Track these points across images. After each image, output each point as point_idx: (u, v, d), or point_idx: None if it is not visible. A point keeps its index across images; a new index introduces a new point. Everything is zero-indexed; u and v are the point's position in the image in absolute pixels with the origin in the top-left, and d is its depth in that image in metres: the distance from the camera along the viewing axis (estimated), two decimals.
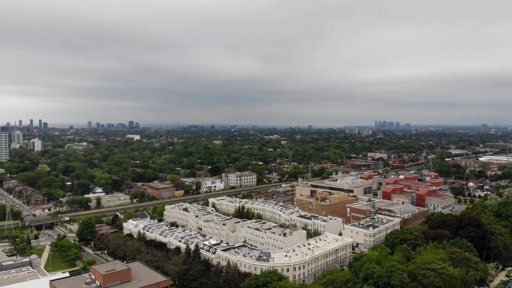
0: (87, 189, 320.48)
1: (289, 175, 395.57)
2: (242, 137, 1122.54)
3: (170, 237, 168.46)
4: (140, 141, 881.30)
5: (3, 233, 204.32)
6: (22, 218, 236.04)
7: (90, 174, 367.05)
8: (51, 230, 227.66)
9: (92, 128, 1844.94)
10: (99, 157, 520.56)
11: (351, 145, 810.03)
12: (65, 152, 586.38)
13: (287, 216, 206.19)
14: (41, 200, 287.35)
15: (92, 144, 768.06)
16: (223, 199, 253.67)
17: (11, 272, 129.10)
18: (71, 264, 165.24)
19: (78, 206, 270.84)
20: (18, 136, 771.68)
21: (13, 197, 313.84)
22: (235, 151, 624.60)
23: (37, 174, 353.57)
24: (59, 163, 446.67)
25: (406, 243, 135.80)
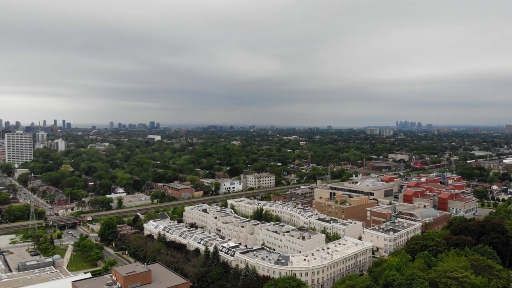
0: (109, 189, 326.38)
1: (308, 177, 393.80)
2: (260, 138, 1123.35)
3: (190, 239, 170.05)
4: (160, 141, 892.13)
5: (27, 233, 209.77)
6: (46, 218, 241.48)
7: (112, 175, 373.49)
8: (74, 229, 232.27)
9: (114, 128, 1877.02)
10: (121, 158, 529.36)
11: (372, 146, 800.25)
12: (87, 152, 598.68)
13: (305, 219, 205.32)
14: (64, 200, 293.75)
15: (114, 144, 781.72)
16: (242, 200, 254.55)
17: (34, 272, 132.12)
18: (93, 264, 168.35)
19: (100, 206, 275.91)
20: (42, 136, 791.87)
21: (37, 196, 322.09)
22: (253, 151, 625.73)
23: (60, 174, 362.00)
24: (82, 163, 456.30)
25: (427, 249, 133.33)
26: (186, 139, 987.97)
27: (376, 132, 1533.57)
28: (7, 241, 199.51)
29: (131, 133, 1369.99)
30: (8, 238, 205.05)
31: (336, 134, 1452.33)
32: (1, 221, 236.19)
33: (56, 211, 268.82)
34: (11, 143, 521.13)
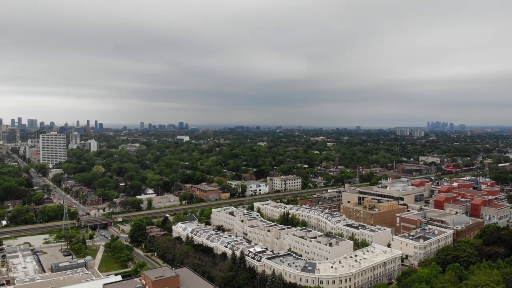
0: (139, 190, 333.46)
1: (336, 180, 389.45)
2: (287, 138, 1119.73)
3: (217, 242, 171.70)
4: (189, 142, 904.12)
5: (61, 233, 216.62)
6: (79, 218, 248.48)
7: (142, 175, 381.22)
8: (105, 230, 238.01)
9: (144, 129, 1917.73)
10: (151, 158, 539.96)
11: (402, 147, 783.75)
12: (119, 153, 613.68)
13: (333, 224, 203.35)
14: (96, 200, 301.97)
15: (144, 145, 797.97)
16: (268, 203, 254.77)
17: (67, 273, 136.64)
18: (123, 265, 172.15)
19: (130, 207, 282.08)
20: (76, 137, 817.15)
21: (70, 197, 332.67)
22: (280, 153, 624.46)
23: (93, 175, 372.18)
24: (113, 164, 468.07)
25: (458, 261, 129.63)
26: (214, 140, 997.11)
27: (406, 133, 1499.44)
28: (41, 241, 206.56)
29: (161, 134, 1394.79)
30: (42, 238, 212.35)
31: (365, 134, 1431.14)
32: (36, 221, 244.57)
33: (88, 211, 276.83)
34: (46, 143, 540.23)
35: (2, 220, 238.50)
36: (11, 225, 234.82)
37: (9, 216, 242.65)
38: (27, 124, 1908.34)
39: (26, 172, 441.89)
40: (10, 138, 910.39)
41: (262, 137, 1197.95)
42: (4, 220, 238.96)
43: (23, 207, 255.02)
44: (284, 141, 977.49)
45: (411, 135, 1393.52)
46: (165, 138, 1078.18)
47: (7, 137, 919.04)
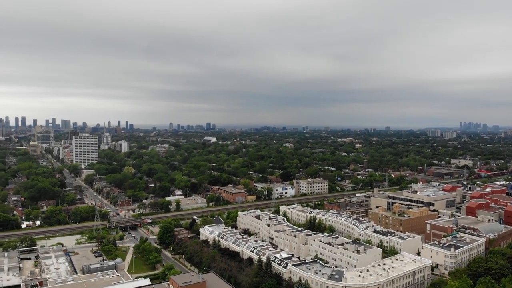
0: (167, 191, 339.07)
1: (364, 184, 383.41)
2: (313, 140, 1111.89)
3: (243, 247, 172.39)
4: (216, 143, 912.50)
5: (92, 234, 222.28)
6: (109, 219, 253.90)
7: (171, 177, 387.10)
8: (135, 231, 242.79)
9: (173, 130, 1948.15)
10: (179, 160, 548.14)
11: (433, 150, 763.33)
12: (148, 154, 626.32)
13: (361, 230, 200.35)
14: (126, 201, 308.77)
15: (173, 146, 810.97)
16: (294, 207, 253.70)
17: (98, 275, 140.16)
18: (152, 267, 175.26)
19: (159, 208, 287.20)
20: (107, 137, 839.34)
21: (101, 197, 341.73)
22: (306, 155, 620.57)
23: (123, 176, 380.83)
24: (143, 164, 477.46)
25: (490, 273, 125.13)
26: (240, 141, 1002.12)
27: (437, 134, 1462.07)
28: (73, 242, 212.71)
29: (189, 134, 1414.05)
30: (74, 239, 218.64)
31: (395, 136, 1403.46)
32: (68, 222, 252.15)
33: (119, 212, 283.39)
34: (78, 144, 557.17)
35: (36, 221, 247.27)
36: (44, 225, 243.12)
37: (43, 216, 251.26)
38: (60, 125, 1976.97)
39: (60, 172, 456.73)
40: (44, 139, 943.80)
41: (288, 138, 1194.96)
42: (38, 221, 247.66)
43: (57, 207, 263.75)
44: (310, 142, 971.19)
45: (442, 136, 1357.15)
46: (193, 139, 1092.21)
47: (41, 137, 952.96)
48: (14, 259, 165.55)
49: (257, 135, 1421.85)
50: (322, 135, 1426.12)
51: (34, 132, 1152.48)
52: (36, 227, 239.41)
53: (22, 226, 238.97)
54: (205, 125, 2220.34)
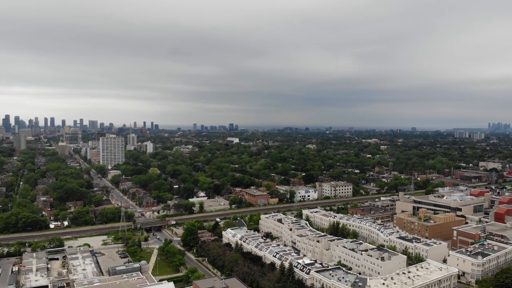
0: (191, 193, 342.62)
1: (389, 187, 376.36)
2: (337, 141, 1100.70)
3: (265, 251, 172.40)
4: (239, 144, 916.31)
5: (118, 235, 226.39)
6: (135, 220, 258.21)
7: (194, 178, 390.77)
8: (159, 232, 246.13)
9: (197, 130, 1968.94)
10: (203, 161, 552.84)
11: (461, 151, 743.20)
12: (173, 155, 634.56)
13: (385, 236, 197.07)
14: (151, 202, 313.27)
15: (197, 146, 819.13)
16: (317, 211, 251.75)
17: (123, 277, 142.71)
18: (176, 269, 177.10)
19: (183, 209, 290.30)
20: (133, 138, 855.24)
21: (127, 198, 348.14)
22: (329, 156, 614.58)
23: (148, 177, 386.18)
24: (168, 165, 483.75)
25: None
26: (262, 142, 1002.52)
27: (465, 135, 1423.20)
28: (100, 242, 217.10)
29: (212, 135, 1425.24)
30: (101, 239, 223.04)
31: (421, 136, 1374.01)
32: (95, 222, 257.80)
33: (144, 212, 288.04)
34: (105, 145, 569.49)
35: (64, 221, 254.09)
36: (72, 225, 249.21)
37: (70, 217, 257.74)
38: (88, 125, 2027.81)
39: (87, 173, 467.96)
40: (73, 139, 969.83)
41: (311, 139, 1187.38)
42: (66, 221, 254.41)
43: (84, 208, 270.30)
44: (334, 144, 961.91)
45: (470, 138, 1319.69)
46: (216, 140, 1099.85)
47: (69, 138, 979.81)
48: (43, 260, 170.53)
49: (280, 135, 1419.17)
50: (346, 136, 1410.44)
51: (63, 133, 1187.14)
52: (64, 228, 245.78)
53: (50, 227, 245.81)
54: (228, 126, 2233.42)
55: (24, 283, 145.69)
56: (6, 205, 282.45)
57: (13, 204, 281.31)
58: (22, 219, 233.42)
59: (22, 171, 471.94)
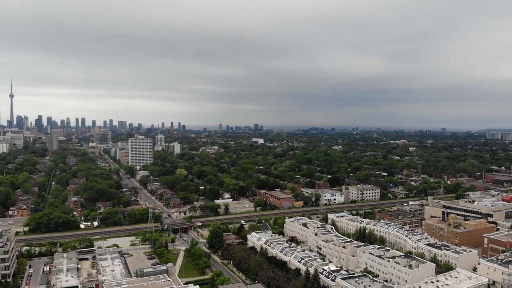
0: (217, 194, 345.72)
1: (418, 191, 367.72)
2: (364, 141, 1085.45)
3: (290, 256, 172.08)
4: (263, 145, 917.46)
5: (145, 236, 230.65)
6: (162, 221, 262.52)
7: (220, 180, 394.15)
8: (185, 234, 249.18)
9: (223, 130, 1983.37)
10: (228, 162, 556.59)
11: (493, 154, 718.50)
12: (199, 156, 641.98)
13: (413, 243, 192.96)
14: (178, 203, 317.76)
15: (222, 147, 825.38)
16: (343, 216, 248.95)
17: (150, 279, 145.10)
18: (201, 272, 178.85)
19: (209, 211, 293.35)
20: (161, 139, 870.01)
21: (155, 199, 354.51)
22: (356, 158, 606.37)
23: (175, 178, 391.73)
24: (194, 166, 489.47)
25: None
26: (287, 143, 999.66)
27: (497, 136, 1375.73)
28: (128, 243, 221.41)
29: (237, 135, 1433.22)
30: (129, 240, 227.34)
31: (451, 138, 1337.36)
32: (124, 223, 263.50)
33: (171, 213, 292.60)
34: (134, 146, 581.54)
35: (94, 221, 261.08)
36: (101, 226, 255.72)
37: (100, 217, 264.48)
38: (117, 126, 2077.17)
39: (116, 173, 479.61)
40: (103, 140, 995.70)
41: (337, 139, 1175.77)
42: (96, 221, 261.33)
43: (113, 209, 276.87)
44: (361, 145, 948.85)
45: (503, 139, 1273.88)
46: (241, 140, 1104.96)
47: (99, 138, 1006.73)
48: (73, 260, 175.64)
49: (305, 136, 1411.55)
50: (373, 137, 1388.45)
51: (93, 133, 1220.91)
52: (94, 228, 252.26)
53: (81, 227, 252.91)
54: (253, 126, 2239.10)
55: (55, 283, 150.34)
56: (39, 205, 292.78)
57: (45, 204, 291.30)
58: (54, 219, 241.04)
59: (54, 171, 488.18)
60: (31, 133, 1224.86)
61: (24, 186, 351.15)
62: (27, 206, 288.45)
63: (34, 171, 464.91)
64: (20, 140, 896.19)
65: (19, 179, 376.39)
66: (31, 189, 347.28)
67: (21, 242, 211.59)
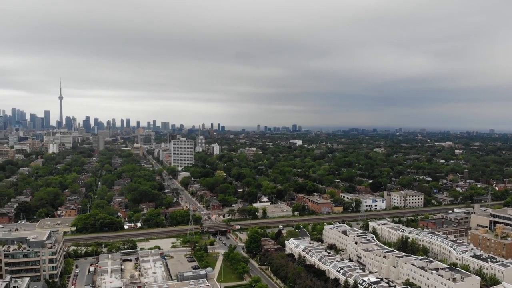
0: (255, 197, 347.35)
1: (464, 198, 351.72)
2: (408, 143, 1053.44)
3: (329, 265, 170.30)
4: (302, 146, 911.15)
5: (186, 238, 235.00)
6: (202, 223, 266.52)
7: (258, 182, 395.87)
8: (224, 236, 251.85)
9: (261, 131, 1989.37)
10: (266, 164, 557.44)
11: None
12: (238, 157, 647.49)
13: (458, 254, 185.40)
14: (217, 205, 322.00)
15: (260, 149, 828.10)
16: (385, 223, 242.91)
17: (190, 283, 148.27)
18: (240, 277, 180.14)
19: (247, 214, 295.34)
20: (201, 140, 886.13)
21: (195, 200, 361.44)
22: (399, 162, 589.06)
23: (215, 180, 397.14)
24: (233, 168, 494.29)
25: None
26: (326, 144, 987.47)
27: None
28: (169, 245, 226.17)
29: (275, 136, 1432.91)
30: (170, 242, 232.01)
31: (500, 140, 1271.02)
32: (165, 224, 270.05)
33: (210, 215, 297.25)
34: (176, 148, 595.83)
35: (137, 222, 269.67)
36: (144, 227, 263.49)
37: (143, 218, 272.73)
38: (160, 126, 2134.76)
39: (159, 174, 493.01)
40: (146, 141, 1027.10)
41: (379, 141, 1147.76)
42: (139, 223, 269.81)
43: (155, 210, 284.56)
44: (404, 147, 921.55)
45: None
46: (279, 142, 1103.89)
47: (143, 139, 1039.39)
48: (117, 261, 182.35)
49: (345, 137, 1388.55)
50: (417, 138, 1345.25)
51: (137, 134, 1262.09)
52: (137, 229, 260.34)
53: (125, 227, 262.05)
54: (291, 127, 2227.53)
55: (99, 284, 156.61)
56: (85, 205, 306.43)
57: (91, 204, 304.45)
58: (100, 220, 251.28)
59: (100, 171, 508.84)
60: (79, 134, 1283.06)
61: (72, 187, 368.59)
62: (74, 206, 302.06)
63: (81, 172, 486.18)
64: (69, 141, 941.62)
65: (68, 180, 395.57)
66: (78, 189, 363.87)
67: (69, 242, 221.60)
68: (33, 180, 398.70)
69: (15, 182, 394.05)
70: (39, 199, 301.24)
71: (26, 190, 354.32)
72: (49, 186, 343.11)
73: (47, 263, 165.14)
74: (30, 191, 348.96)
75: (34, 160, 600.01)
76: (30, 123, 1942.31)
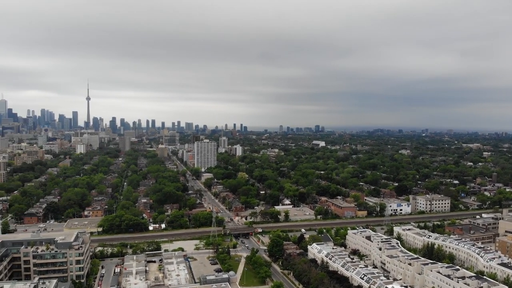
0: (277, 199, 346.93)
1: (492, 202, 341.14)
2: (434, 145, 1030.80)
3: (352, 272, 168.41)
4: (324, 147, 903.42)
5: (209, 240, 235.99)
6: (224, 225, 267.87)
7: (280, 185, 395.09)
8: (246, 239, 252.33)
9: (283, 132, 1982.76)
10: (288, 166, 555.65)
11: None
12: (260, 158, 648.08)
13: (485, 262, 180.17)
14: (240, 207, 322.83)
15: (282, 150, 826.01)
16: (410, 229, 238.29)
17: (212, 287, 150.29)
18: (262, 281, 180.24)
19: (269, 217, 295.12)
20: (224, 141, 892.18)
21: (218, 201, 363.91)
22: (425, 164, 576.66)
23: (237, 182, 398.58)
24: (255, 170, 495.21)
25: None
26: (350, 145, 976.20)
27: None
28: (192, 247, 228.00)
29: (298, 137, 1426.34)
30: (193, 244, 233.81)
31: None
32: (189, 226, 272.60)
33: (233, 217, 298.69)
34: (199, 149, 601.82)
35: (161, 224, 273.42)
36: (168, 228, 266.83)
37: (167, 220, 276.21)
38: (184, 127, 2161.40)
39: (183, 175, 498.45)
40: (171, 141, 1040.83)
41: (404, 142, 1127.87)
42: (163, 224, 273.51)
43: (179, 212, 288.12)
44: (430, 148, 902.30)
45: None
46: (301, 143, 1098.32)
47: (168, 140, 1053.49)
48: (142, 263, 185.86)
49: (369, 138, 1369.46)
50: (444, 140, 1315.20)
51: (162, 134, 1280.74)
52: (161, 230, 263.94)
53: (149, 229, 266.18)
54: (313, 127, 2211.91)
55: (124, 285, 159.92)
56: (112, 206, 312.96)
57: (117, 205, 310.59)
58: (125, 221, 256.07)
59: (126, 172, 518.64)
60: (105, 134, 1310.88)
61: (99, 187, 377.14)
62: (101, 207, 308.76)
63: (108, 172, 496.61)
64: (96, 141, 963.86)
65: (95, 180, 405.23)
66: (105, 190, 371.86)
67: (95, 242, 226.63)
68: (61, 180, 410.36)
69: (44, 182, 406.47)
70: (67, 200, 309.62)
71: (55, 190, 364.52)
72: (77, 187, 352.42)
73: (74, 264, 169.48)
74: (58, 191, 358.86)
75: (62, 161, 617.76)
76: (59, 123, 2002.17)
